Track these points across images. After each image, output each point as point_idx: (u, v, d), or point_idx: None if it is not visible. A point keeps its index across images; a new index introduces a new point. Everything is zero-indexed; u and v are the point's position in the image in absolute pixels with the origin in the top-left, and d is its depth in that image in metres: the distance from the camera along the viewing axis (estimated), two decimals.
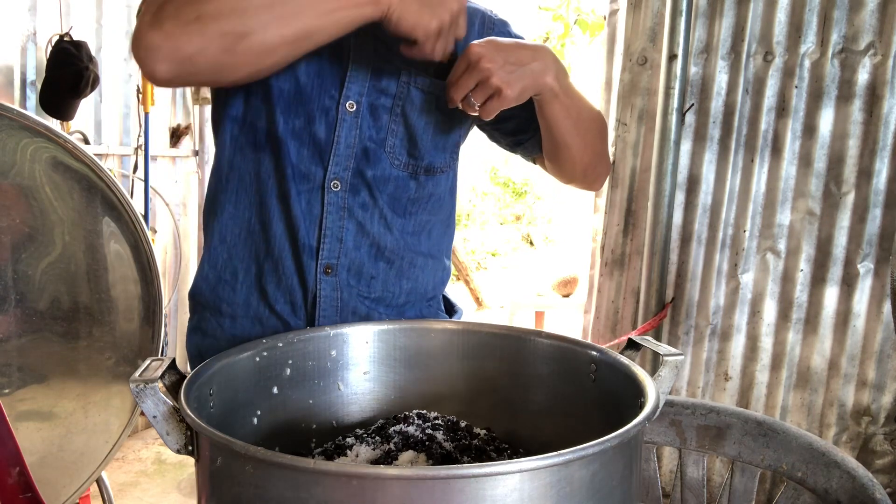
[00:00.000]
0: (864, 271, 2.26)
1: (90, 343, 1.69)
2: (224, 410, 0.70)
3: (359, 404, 0.84)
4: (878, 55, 2.19)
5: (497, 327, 0.83)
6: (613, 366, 0.71)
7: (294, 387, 0.79)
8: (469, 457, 0.73)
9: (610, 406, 0.70)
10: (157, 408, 0.59)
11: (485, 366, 0.82)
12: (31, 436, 1.60)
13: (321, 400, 0.81)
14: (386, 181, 1.07)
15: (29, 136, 1.57)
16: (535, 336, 0.80)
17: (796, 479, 1.03)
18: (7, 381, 1.57)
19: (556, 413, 0.78)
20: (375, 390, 0.84)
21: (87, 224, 1.67)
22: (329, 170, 1.03)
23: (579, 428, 0.74)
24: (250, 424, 0.75)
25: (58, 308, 1.63)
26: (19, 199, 1.57)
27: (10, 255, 1.55)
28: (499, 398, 0.83)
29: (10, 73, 2.49)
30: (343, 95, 1.02)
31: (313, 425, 0.81)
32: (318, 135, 1.03)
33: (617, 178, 2.56)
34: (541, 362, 0.79)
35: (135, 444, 2.98)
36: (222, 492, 0.55)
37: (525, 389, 0.81)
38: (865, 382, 2.31)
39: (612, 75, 2.55)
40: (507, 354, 0.81)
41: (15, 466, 1.12)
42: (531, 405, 0.81)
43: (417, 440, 0.74)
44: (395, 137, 1.06)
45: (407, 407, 0.84)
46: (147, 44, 0.84)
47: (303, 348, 0.80)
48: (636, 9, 2.46)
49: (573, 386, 0.76)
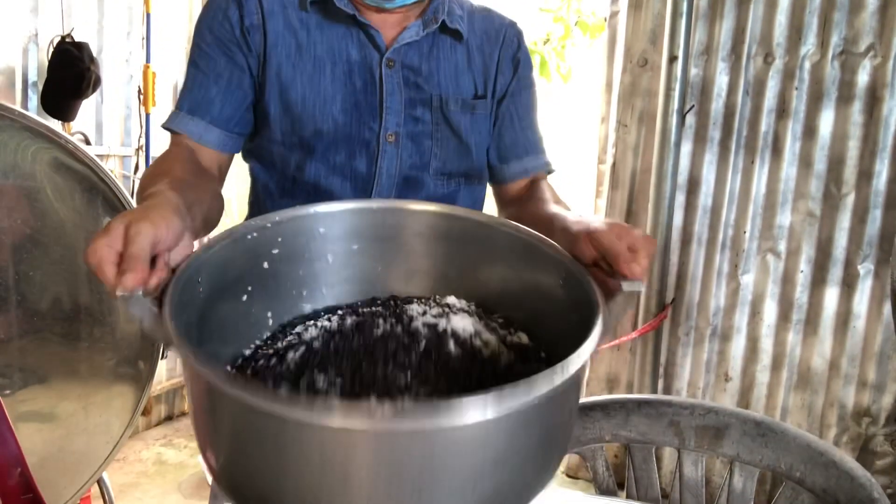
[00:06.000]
0: (864, 272, 2.26)
1: (91, 344, 1.69)
2: (213, 292, 0.72)
3: (346, 273, 0.87)
4: (878, 57, 2.19)
5: (477, 214, 0.88)
6: (580, 283, 0.75)
7: (284, 261, 0.82)
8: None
9: (576, 307, 0.74)
10: (143, 314, 0.62)
11: (463, 248, 0.87)
12: (31, 436, 1.61)
13: (311, 270, 0.85)
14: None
15: (30, 137, 1.57)
16: (512, 229, 0.84)
17: (795, 479, 1.04)
18: (8, 382, 1.57)
19: (526, 301, 0.83)
20: (361, 263, 0.87)
21: (88, 225, 1.67)
22: None
23: (547, 317, 0.79)
24: (241, 297, 0.78)
25: (59, 309, 1.63)
26: (20, 200, 1.57)
27: (11, 255, 1.56)
28: (474, 277, 0.88)
29: (11, 74, 2.50)
30: (382, 127, 1.04)
31: (304, 292, 0.85)
32: (359, 168, 1.06)
33: (617, 180, 2.56)
34: (516, 255, 0.84)
35: (136, 444, 2.98)
36: (193, 389, 0.61)
37: (499, 275, 0.86)
38: (866, 383, 2.31)
39: (613, 77, 2.55)
40: (484, 240, 0.86)
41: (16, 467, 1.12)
42: (504, 287, 0.86)
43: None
44: (438, 161, 1.09)
45: (390, 279, 0.89)
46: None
47: (292, 226, 0.82)
48: (637, 11, 2.46)
49: (543, 284, 0.81)
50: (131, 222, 0.64)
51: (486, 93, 1.12)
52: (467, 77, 1.10)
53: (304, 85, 1.03)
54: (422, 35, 1.05)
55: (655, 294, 2.46)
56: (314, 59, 1.03)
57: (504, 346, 0.78)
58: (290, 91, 1.03)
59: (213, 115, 1.03)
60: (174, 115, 1.05)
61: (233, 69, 1.03)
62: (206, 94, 1.03)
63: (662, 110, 2.36)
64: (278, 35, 1.02)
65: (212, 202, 0.93)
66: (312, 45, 1.03)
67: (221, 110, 1.03)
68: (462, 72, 1.09)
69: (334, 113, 1.03)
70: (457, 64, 1.09)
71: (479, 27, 1.12)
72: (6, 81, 2.50)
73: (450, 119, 1.08)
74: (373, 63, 1.04)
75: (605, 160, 2.60)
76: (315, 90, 1.03)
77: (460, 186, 1.13)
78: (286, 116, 1.03)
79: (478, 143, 1.12)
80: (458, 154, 1.10)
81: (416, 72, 1.06)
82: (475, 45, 1.11)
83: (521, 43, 1.16)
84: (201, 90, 1.03)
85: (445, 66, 1.08)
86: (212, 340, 0.71)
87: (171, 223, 0.66)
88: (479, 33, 1.12)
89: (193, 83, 1.04)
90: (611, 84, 2.57)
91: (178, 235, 0.68)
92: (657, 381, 2.52)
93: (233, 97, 1.03)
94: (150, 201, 0.70)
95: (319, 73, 1.03)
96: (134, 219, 0.64)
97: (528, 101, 1.17)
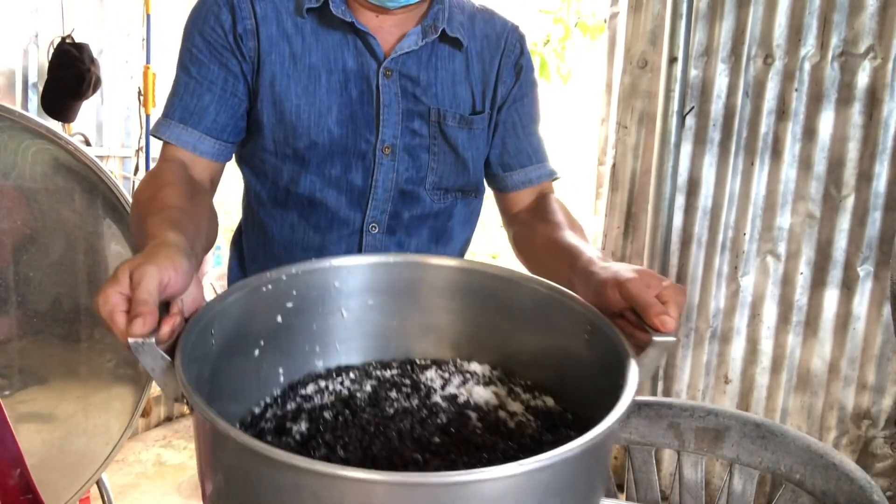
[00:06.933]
0: (864, 274, 2.26)
1: (91, 345, 1.69)
2: (226, 343, 0.70)
3: (360, 330, 0.85)
4: (877, 58, 2.19)
5: (497, 269, 0.84)
6: (606, 335, 0.72)
7: (298, 315, 0.80)
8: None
9: (602, 363, 0.71)
10: (155, 362, 0.59)
11: (483, 304, 0.84)
12: (31, 437, 1.61)
13: (324, 325, 0.83)
14: (425, 218, 1.08)
15: (30, 138, 1.57)
16: (534, 283, 0.81)
17: (794, 481, 1.04)
18: (8, 383, 1.57)
19: (550, 359, 0.80)
20: (376, 319, 0.85)
21: (88, 226, 1.67)
22: (368, 214, 1.04)
23: (572, 377, 0.76)
24: (253, 352, 0.76)
25: (59, 310, 1.63)
26: (21, 201, 1.57)
27: (11, 256, 1.56)
28: (495, 336, 0.85)
29: (11, 75, 2.50)
30: (379, 140, 1.02)
31: (317, 347, 0.83)
32: (354, 181, 1.03)
33: (617, 181, 2.56)
34: (538, 310, 0.81)
35: (135, 446, 2.98)
36: (208, 446, 0.57)
37: (521, 332, 0.83)
38: (865, 385, 2.31)
39: (613, 78, 2.56)
40: (504, 296, 0.83)
41: (16, 468, 1.12)
42: (526, 347, 0.83)
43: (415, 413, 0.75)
44: (435, 175, 1.06)
45: (406, 337, 0.86)
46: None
47: (307, 279, 0.80)
48: (636, 12, 2.46)
49: (568, 339, 0.78)
50: (136, 266, 0.62)
51: (485, 105, 1.09)
52: (465, 88, 1.07)
53: (298, 96, 0.99)
54: (420, 45, 1.02)
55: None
56: (309, 69, 1.00)
57: (529, 415, 0.76)
58: (285, 102, 0.99)
59: (206, 125, 0.99)
60: (164, 123, 1.00)
61: (226, 76, 0.99)
62: (198, 103, 0.99)
63: (662, 112, 2.36)
64: (272, 42, 0.99)
65: (209, 226, 0.90)
66: (307, 53, 1.00)
67: (216, 119, 0.99)
68: (460, 82, 1.06)
69: (329, 125, 1.00)
70: (455, 73, 1.06)
71: (480, 32, 1.09)
72: (6, 82, 2.50)
73: (447, 134, 1.05)
74: (369, 72, 1.01)
75: (604, 161, 2.60)
76: (310, 101, 1.00)
77: (457, 201, 1.11)
78: (279, 127, 1.00)
79: (475, 158, 1.09)
80: (455, 169, 1.08)
81: (415, 81, 1.03)
82: (475, 52, 1.08)
83: (524, 48, 1.13)
84: (193, 98, 0.99)
85: (443, 76, 1.05)
86: (222, 397, 0.69)
87: (178, 264, 0.65)
88: (479, 38, 1.08)
89: (184, 90, 1.00)
90: (610, 85, 2.57)
91: (188, 276, 0.66)
92: (657, 383, 2.51)
93: (227, 105, 1.00)
94: (152, 244, 0.68)
95: (315, 84, 1.00)
96: (139, 263, 0.62)
97: (531, 107, 1.14)
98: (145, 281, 0.60)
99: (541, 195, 1.14)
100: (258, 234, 1.10)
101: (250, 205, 1.10)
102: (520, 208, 1.14)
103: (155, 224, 0.74)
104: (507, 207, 1.17)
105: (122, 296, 0.61)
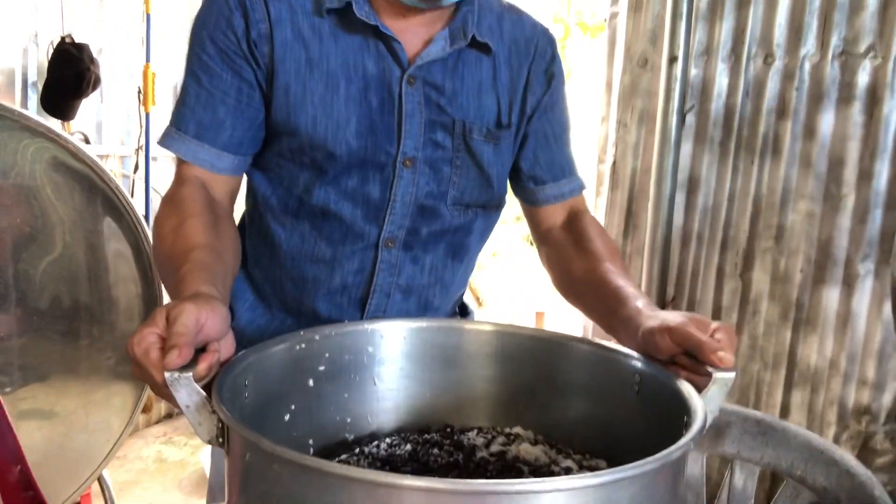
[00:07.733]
0: (864, 272, 2.26)
1: (91, 342, 1.69)
2: (258, 401, 0.69)
3: (393, 400, 0.83)
4: (878, 58, 2.19)
5: (535, 331, 0.82)
6: (659, 379, 0.69)
7: (330, 380, 0.79)
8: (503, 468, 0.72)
9: (655, 419, 0.68)
10: (191, 398, 0.57)
11: (521, 369, 0.81)
12: (31, 434, 1.61)
13: (356, 394, 0.81)
14: (443, 234, 1.03)
15: (30, 137, 1.57)
16: (575, 342, 0.78)
17: (796, 477, 1.04)
18: (8, 380, 1.57)
19: (597, 423, 0.77)
20: (410, 387, 0.83)
21: (87, 224, 1.67)
22: (385, 229, 0.99)
23: (622, 440, 0.73)
24: (284, 417, 0.75)
25: (59, 307, 1.63)
26: (20, 200, 1.57)
27: (11, 254, 1.56)
28: (536, 403, 0.82)
29: (11, 74, 2.50)
30: (399, 152, 0.95)
31: (348, 419, 0.81)
32: (372, 194, 0.97)
33: (617, 180, 2.56)
34: (581, 369, 0.78)
35: (136, 442, 2.98)
36: (250, 486, 0.55)
37: (564, 396, 0.80)
38: (866, 382, 2.31)
39: (613, 77, 2.56)
40: (544, 359, 0.80)
41: (16, 465, 1.12)
42: (570, 412, 0.79)
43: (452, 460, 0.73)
44: (456, 190, 1.01)
45: (441, 407, 0.83)
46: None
47: (340, 342, 0.80)
48: (636, 11, 2.46)
49: (615, 396, 0.74)
50: (172, 307, 0.61)
51: (511, 117, 1.03)
52: (491, 97, 1.00)
53: (314, 106, 0.92)
54: (448, 51, 0.95)
55: (655, 294, 2.46)
56: (327, 76, 0.92)
57: (585, 471, 0.73)
58: (300, 113, 0.92)
59: (223, 141, 0.93)
60: (177, 136, 0.94)
61: (240, 85, 0.92)
62: (213, 116, 0.92)
63: (662, 111, 2.36)
64: (287, 47, 0.91)
65: (234, 258, 0.88)
66: (325, 59, 0.92)
67: (232, 134, 0.93)
68: (486, 90, 1.00)
69: (348, 137, 0.93)
70: (481, 81, 0.99)
71: (508, 35, 1.02)
72: (6, 81, 2.50)
73: (472, 148, 0.99)
74: (392, 79, 0.94)
75: (604, 160, 2.60)
76: (327, 112, 0.92)
77: (476, 216, 1.05)
78: (295, 138, 0.94)
79: (499, 174, 1.04)
80: (478, 184, 1.02)
81: (439, 90, 0.96)
82: (503, 57, 1.01)
83: (555, 53, 1.07)
84: (207, 111, 0.92)
85: (470, 84, 0.98)
86: None
87: (216, 307, 0.64)
88: (507, 43, 1.02)
89: (196, 101, 0.93)
90: (611, 84, 2.57)
91: (225, 321, 0.65)
92: None
93: (243, 117, 0.93)
94: (185, 294, 0.67)
95: (332, 93, 0.92)
96: (175, 304, 0.61)
97: (562, 117, 1.09)
98: (182, 317, 0.59)
99: (573, 213, 1.11)
100: (263, 240, 1.03)
101: (257, 208, 1.03)
102: (551, 225, 1.10)
103: (186, 274, 0.72)
104: (537, 222, 1.13)
105: (158, 335, 0.60)
